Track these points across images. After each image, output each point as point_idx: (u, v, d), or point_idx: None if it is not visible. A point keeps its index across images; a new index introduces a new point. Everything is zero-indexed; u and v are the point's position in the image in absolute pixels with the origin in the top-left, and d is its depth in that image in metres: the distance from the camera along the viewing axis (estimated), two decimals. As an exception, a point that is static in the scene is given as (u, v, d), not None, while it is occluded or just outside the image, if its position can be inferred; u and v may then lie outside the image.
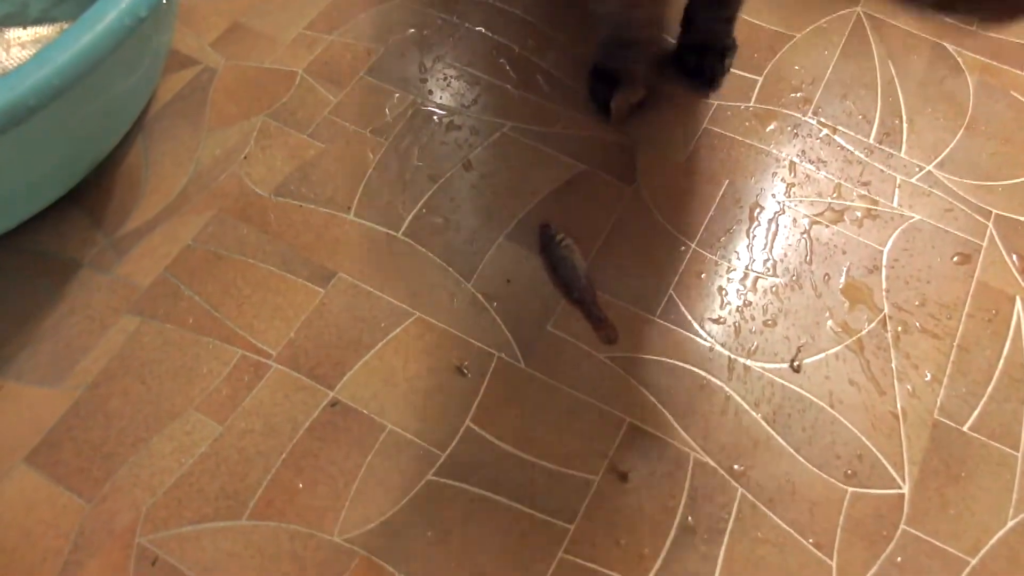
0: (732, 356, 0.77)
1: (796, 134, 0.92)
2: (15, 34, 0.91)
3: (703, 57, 0.93)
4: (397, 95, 0.93)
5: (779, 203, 0.87)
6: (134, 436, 0.72)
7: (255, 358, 0.76)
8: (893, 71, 0.99)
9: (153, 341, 0.76)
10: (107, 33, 0.64)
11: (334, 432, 0.72)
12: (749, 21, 1.02)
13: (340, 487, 0.70)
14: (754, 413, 0.75)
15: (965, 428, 0.75)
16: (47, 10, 0.97)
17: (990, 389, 0.77)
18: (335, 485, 0.70)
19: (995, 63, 1.00)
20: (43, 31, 0.92)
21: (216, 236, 0.83)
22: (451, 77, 0.95)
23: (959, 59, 1.00)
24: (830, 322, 0.80)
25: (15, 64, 0.89)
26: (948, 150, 0.93)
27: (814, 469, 0.72)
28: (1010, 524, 0.71)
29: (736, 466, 0.73)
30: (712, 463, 0.72)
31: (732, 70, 0.97)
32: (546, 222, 0.81)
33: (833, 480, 0.72)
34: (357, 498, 0.69)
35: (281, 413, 0.73)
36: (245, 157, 0.88)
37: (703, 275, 0.82)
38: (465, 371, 0.75)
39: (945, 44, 1.02)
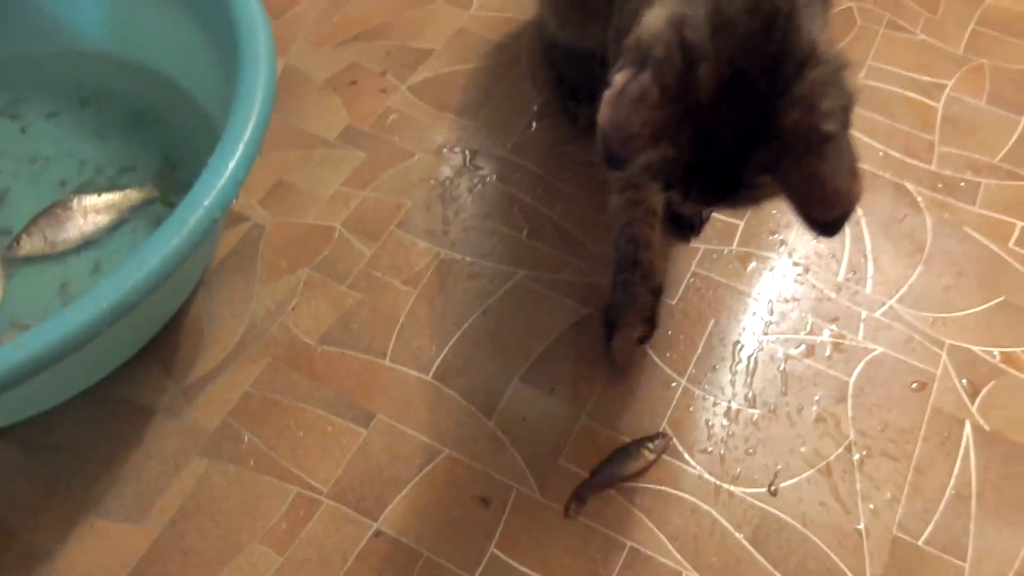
0: (718, 483, 0.91)
1: (773, 275, 1.07)
2: (91, 201, 1.07)
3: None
4: (424, 246, 1.08)
5: (758, 341, 1.01)
6: (207, 569, 0.85)
7: (308, 494, 0.89)
8: (860, 212, 1.14)
9: (220, 481, 0.90)
10: (190, 236, 0.79)
11: (379, 560, 0.86)
12: (730, 168, 1.17)
13: (385, 609, 0.83)
14: (737, 534, 0.88)
15: (920, 542, 0.88)
16: (114, 178, 1.12)
17: (942, 506, 0.90)
18: (381, 607, 0.83)
19: (949, 200, 1.14)
20: (114, 197, 1.08)
21: (270, 383, 0.97)
22: (470, 228, 1.10)
23: (918, 198, 1.15)
24: (803, 449, 0.94)
25: (92, 228, 1.05)
26: (908, 285, 1.07)
27: (790, 585, 0.86)
28: (960, 632, 0.84)
29: (723, 583, 0.86)
30: (702, 581, 0.86)
31: (717, 216, 1.12)
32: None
33: (806, 595, 0.85)
34: (399, 618, 0.83)
35: (333, 544, 0.87)
36: (293, 308, 1.03)
37: (692, 409, 0.96)
38: (488, 503, 0.89)
39: (906, 184, 1.17)
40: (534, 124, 1.20)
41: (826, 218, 0.63)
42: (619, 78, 0.64)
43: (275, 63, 0.91)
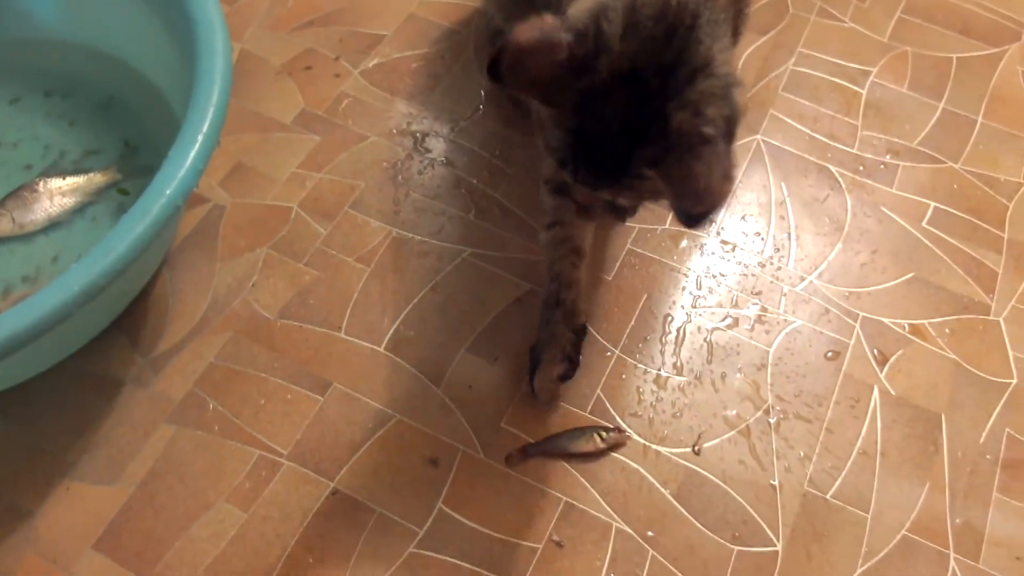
0: (646, 443, 1.00)
1: (702, 252, 1.16)
2: (56, 184, 1.13)
3: None
4: (376, 225, 1.16)
5: (687, 314, 1.10)
6: (177, 525, 0.93)
7: (270, 457, 0.97)
8: (785, 192, 1.23)
9: (187, 446, 0.98)
10: (152, 224, 0.86)
11: (336, 516, 0.94)
12: (666, 151, 1.25)
13: (342, 560, 0.92)
14: (663, 490, 0.98)
15: (828, 496, 0.98)
16: (79, 161, 1.18)
17: (849, 464, 1.01)
18: (338, 559, 0.92)
19: (868, 181, 1.24)
20: (79, 181, 1.13)
21: (233, 354, 1.04)
22: (420, 209, 1.17)
23: (840, 180, 1.25)
24: (725, 412, 1.03)
25: (58, 210, 1.11)
26: (827, 262, 1.16)
27: (709, 533, 0.95)
28: (859, 571, 0.94)
29: (649, 532, 0.95)
30: (629, 530, 0.95)
31: (651, 196, 1.20)
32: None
33: (723, 541, 0.95)
34: (355, 569, 0.91)
35: (293, 502, 0.95)
36: (253, 285, 1.10)
37: (624, 376, 1.05)
38: (437, 463, 0.98)
39: (829, 166, 1.26)
40: (481, 108, 1.27)
41: (694, 211, 0.72)
42: (550, 19, 0.72)
43: (231, 56, 0.97)
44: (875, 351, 1.07)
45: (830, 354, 1.06)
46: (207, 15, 0.99)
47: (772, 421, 1.01)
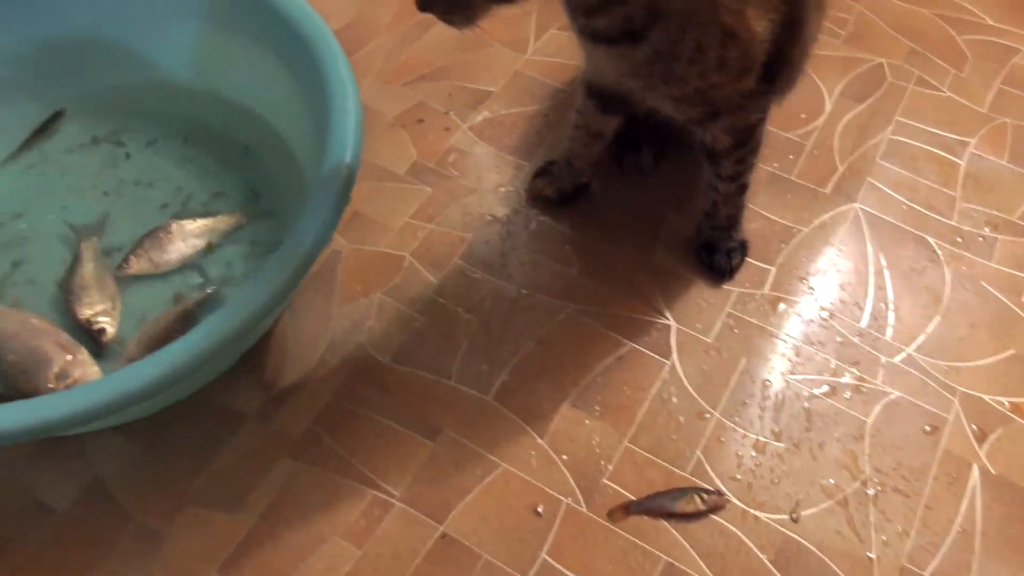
0: (745, 508, 1.03)
1: (801, 318, 1.19)
2: (188, 226, 1.20)
3: (712, 256, 1.20)
4: (484, 278, 1.21)
5: (785, 380, 1.13)
6: (295, 556, 0.98)
7: (382, 497, 1.02)
8: (883, 262, 1.25)
9: (304, 480, 1.03)
10: (292, 277, 0.92)
11: (444, 559, 0.98)
12: (766, 216, 1.29)
13: (448, 603, 0.96)
14: (761, 555, 1.00)
15: (926, 574, 1.00)
16: (207, 203, 1.26)
17: (948, 541, 1.02)
18: (444, 601, 0.96)
19: (967, 254, 1.26)
20: (208, 223, 1.21)
21: (348, 395, 1.10)
22: (525, 263, 1.22)
23: (938, 251, 1.27)
24: (823, 481, 1.05)
25: (190, 250, 1.18)
26: (925, 334, 1.18)
27: (806, 601, 0.97)
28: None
29: (746, 597, 0.98)
30: (727, 594, 0.98)
31: (751, 260, 1.24)
32: None
33: (820, 611, 0.97)
34: (460, 611, 0.95)
35: (404, 542, 0.99)
36: (368, 329, 1.15)
37: (723, 440, 1.08)
38: (540, 513, 1.02)
39: (927, 237, 1.28)
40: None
41: None
42: None
43: (362, 117, 1.04)
44: (974, 427, 1.08)
45: (928, 428, 1.08)
46: (340, 75, 1.06)
47: (870, 493, 1.03)
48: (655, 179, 1.31)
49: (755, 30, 0.87)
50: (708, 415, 1.08)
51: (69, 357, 1.05)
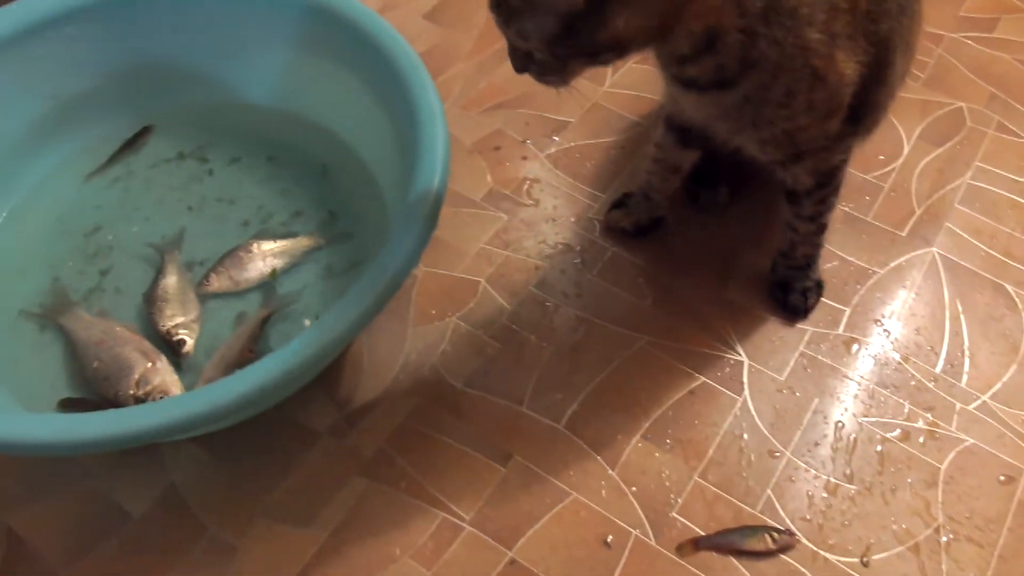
0: (815, 549, 1.02)
1: (875, 361, 1.18)
2: (268, 246, 1.23)
3: (788, 295, 1.20)
4: (556, 305, 1.22)
5: (858, 422, 1.12)
6: (364, 575, 1.00)
7: (453, 520, 1.03)
8: (960, 307, 1.24)
9: (376, 499, 1.05)
10: (378, 301, 0.94)
11: (512, 585, 0.99)
12: (841, 256, 1.29)
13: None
14: None
15: None
16: (286, 223, 1.28)
17: (1022, 593, 1.00)
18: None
19: (1047, 304, 1.24)
20: (287, 244, 1.24)
21: (421, 417, 1.11)
22: (599, 294, 1.23)
23: (1016, 299, 1.25)
24: (895, 526, 1.04)
25: (269, 269, 1.21)
26: (1001, 383, 1.17)
27: (876, 648, 0.96)
28: None
29: (815, 640, 0.97)
30: (797, 636, 0.97)
31: (826, 300, 1.23)
32: None
33: (891, 659, 0.96)
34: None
35: (473, 566, 1.00)
36: (441, 352, 1.17)
37: (794, 480, 1.07)
38: (609, 544, 1.02)
39: (1005, 285, 1.27)
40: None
41: None
42: None
43: (449, 145, 1.06)
44: (1051, 480, 1.06)
45: (1003, 478, 1.07)
46: (430, 103, 1.09)
47: (943, 540, 1.02)
48: (729, 215, 1.30)
49: (844, 72, 0.87)
50: (779, 454, 1.08)
51: (149, 364, 1.08)
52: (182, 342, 1.10)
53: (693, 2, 0.78)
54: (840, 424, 1.11)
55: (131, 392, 1.06)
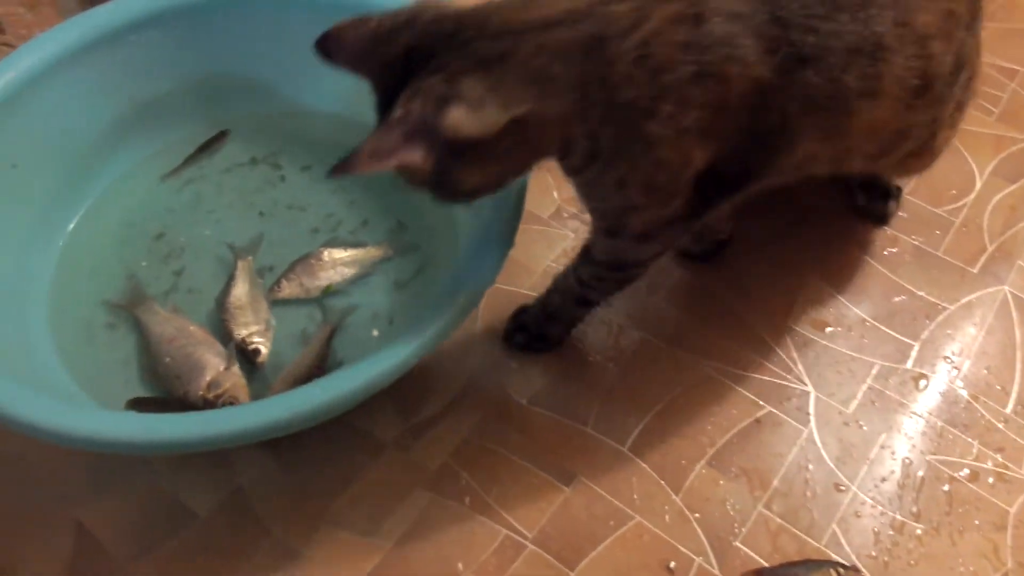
0: (882, 587, 1.01)
1: (944, 398, 1.17)
2: (338, 254, 1.24)
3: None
4: (622, 327, 1.22)
5: (926, 460, 1.11)
6: (423, 591, 1.00)
7: (515, 537, 1.04)
8: (1031, 348, 1.22)
9: (439, 513, 1.05)
10: (457, 316, 0.95)
11: (579, 606, 0.99)
12: (911, 290, 1.27)
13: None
14: None
15: None
16: (355, 231, 1.30)
17: (1093, 643, 0.98)
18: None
19: (1120, 349, 1.22)
20: (357, 253, 1.25)
21: (485, 432, 1.12)
22: (664, 317, 1.23)
23: (1089, 342, 1.23)
24: (961, 569, 1.03)
25: (339, 279, 1.22)
26: (1073, 427, 1.15)
27: None
28: None
29: None
30: (861, 675, 0.96)
31: (894, 334, 1.22)
32: None
33: None
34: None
35: (535, 585, 1.00)
36: (508, 369, 1.18)
37: (860, 515, 1.06)
38: (672, 570, 1.02)
39: (1077, 326, 1.25)
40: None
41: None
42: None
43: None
44: (1124, 528, 1.04)
45: (1074, 524, 1.05)
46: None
47: (1012, 585, 1.00)
48: (795, 242, 1.30)
49: (689, 161, 0.90)
50: (844, 487, 1.07)
51: (223, 368, 1.10)
52: (257, 351, 1.12)
53: (539, 139, 0.83)
54: (908, 461, 1.10)
55: (200, 393, 1.07)
